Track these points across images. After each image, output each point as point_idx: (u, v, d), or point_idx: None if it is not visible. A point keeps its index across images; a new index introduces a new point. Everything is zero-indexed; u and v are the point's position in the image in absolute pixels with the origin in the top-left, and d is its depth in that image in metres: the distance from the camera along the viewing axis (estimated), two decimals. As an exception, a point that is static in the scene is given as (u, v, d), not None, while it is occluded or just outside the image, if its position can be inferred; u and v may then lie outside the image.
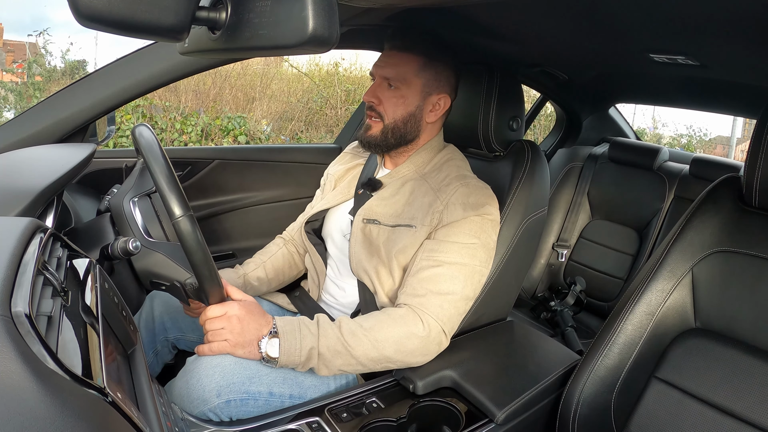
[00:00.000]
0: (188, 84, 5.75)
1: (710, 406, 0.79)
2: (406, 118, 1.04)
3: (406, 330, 0.90)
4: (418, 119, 1.06)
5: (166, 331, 1.10)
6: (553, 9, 0.91)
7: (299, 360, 0.86)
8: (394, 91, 1.03)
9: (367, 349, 0.88)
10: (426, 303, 0.92)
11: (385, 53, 1.06)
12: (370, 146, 1.08)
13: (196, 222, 0.77)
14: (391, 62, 1.03)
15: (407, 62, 1.03)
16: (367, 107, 1.07)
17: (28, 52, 6.96)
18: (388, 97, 1.04)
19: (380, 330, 0.89)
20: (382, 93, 1.04)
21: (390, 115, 1.04)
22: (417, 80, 1.03)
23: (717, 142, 9.29)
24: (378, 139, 1.06)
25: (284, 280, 1.23)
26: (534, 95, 2.34)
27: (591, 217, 2.07)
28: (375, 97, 1.04)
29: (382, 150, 1.08)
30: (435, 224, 0.98)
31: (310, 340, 0.86)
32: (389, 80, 1.03)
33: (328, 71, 6.75)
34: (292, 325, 0.88)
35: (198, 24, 0.48)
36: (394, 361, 0.90)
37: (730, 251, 0.86)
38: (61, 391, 0.34)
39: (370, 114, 1.06)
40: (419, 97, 1.04)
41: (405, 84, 1.03)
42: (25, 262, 0.46)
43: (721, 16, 0.77)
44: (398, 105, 1.03)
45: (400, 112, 1.04)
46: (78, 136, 1.10)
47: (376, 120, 1.05)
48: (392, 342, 0.89)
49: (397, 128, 1.05)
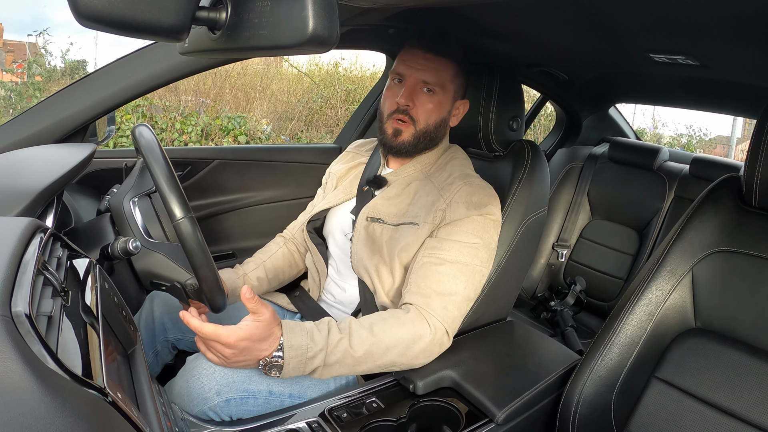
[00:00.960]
0: (188, 84, 5.75)
1: (710, 406, 0.79)
2: (438, 123, 1.03)
3: (414, 334, 0.89)
4: (446, 123, 1.05)
5: (166, 332, 1.10)
6: (553, 9, 0.91)
7: (302, 374, 0.84)
8: (431, 96, 1.01)
9: (375, 359, 0.86)
10: (431, 304, 0.92)
11: (420, 55, 1.01)
12: (399, 152, 1.05)
13: (197, 224, 0.77)
14: (430, 66, 1.00)
15: (446, 68, 1.00)
16: (398, 110, 1.02)
17: (28, 52, 6.96)
18: (424, 102, 1.01)
19: (390, 336, 0.87)
20: (417, 97, 1.01)
21: (423, 120, 1.01)
22: (451, 86, 1.03)
23: (717, 142, 9.29)
24: (410, 145, 1.03)
25: (284, 279, 1.23)
26: (534, 95, 2.34)
27: (591, 217, 2.07)
28: (411, 101, 1.01)
29: (409, 155, 1.06)
30: (437, 222, 0.98)
31: (318, 359, 0.83)
32: (428, 84, 1.00)
33: (328, 71, 6.75)
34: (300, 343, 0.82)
35: (198, 24, 0.48)
36: (399, 364, 0.90)
37: (730, 251, 0.86)
38: (61, 391, 0.34)
39: (400, 117, 1.01)
40: (450, 102, 1.04)
41: (442, 89, 1.01)
42: (25, 262, 0.46)
43: (721, 16, 0.77)
44: (433, 110, 1.01)
45: (434, 118, 1.02)
46: (78, 136, 1.10)
47: (406, 124, 1.02)
48: (401, 348, 0.88)
49: (428, 132, 1.03)
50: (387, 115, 1.04)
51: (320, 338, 0.84)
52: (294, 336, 0.82)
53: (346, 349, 0.84)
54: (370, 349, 0.86)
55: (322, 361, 0.83)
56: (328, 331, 0.86)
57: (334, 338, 0.85)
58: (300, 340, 0.82)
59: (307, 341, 0.83)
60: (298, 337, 0.82)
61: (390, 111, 1.03)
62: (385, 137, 1.05)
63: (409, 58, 1.02)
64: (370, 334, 0.86)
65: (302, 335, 0.83)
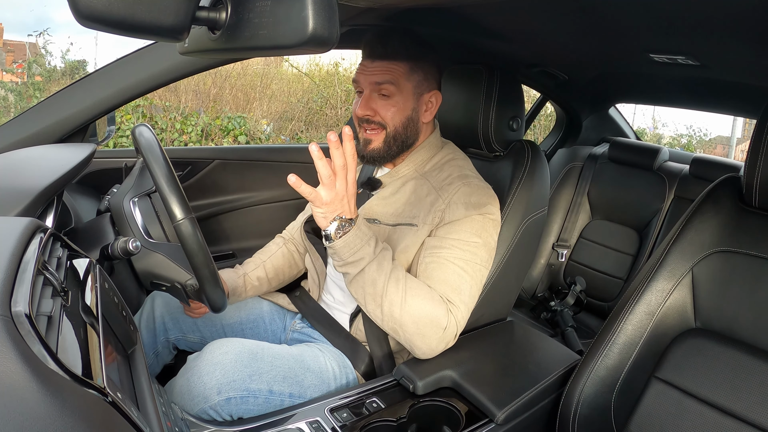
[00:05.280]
0: (188, 84, 5.75)
1: (710, 406, 0.79)
2: (405, 123, 1.03)
3: (435, 313, 0.89)
4: (415, 121, 1.04)
5: (167, 332, 1.10)
6: (553, 9, 0.91)
7: (347, 259, 0.86)
8: (387, 99, 1.01)
9: (395, 304, 0.87)
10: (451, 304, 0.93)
11: (367, 62, 1.01)
12: (374, 160, 1.05)
13: (197, 224, 0.77)
14: (378, 70, 1.00)
15: (394, 69, 1.00)
16: (363, 121, 1.03)
17: (28, 52, 6.96)
18: (383, 106, 1.01)
19: (417, 297, 0.89)
20: (375, 103, 1.01)
21: (390, 123, 1.02)
22: (408, 84, 1.01)
23: (717, 142, 9.29)
24: (382, 151, 1.03)
25: (284, 279, 1.23)
26: (534, 95, 2.34)
27: (591, 217, 2.07)
28: (370, 109, 1.01)
29: (386, 161, 1.06)
30: (437, 223, 0.98)
31: (369, 253, 0.87)
32: (380, 88, 1.00)
33: (328, 71, 6.75)
34: (367, 231, 0.88)
35: (198, 24, 0.48)
36: (406, 332, 0.90)
37: (730, 251, 0.86)
38: (61, 391, 0.34)
39: (367, 127, 1.03)
40: (413, 99, 1.03)
41: (398, 90, 1.00)
42: (25, 262, 0.46)
43: (721, 16, 0.77)
44: (396, 112, 1.01)
45: (399, 118, 1.02)
46: (78, 136, 1.10)
47: (375, 132, 1.02)
48: (418, 316, 0.88)
49: (398, 135, 1.03)
50: (357, 127, 1.06)
51: (380, 243, 0.90)
52: (366, 223, 0.89)
53: (386, 271, 0.88)
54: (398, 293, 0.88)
55: (370, 258, 0.87)
56: (385, 245, 0.91)
57: (386, 254, 0.90)
58: (367, 228, 0.88)
59: (370, 235, 0.88)
60: (366, 227, 0.88)
61: (358, 123, 1.05)
62: (359, 149, 1.05)
63: (361, 66, 1.03)
64: (405, 282, 0.89)
65: (368, 228, 0.89)
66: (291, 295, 1.20)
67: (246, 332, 1.14)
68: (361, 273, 0.87)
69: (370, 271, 0.87)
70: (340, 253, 0.86)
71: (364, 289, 0.88)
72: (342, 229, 0.84)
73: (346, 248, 0.85)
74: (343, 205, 0.83)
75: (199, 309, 1.06)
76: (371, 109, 1.01)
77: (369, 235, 0.87)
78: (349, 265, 0.87)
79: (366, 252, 0.86)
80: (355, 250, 0.85)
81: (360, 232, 0.85)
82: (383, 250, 0.89)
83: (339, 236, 0.84)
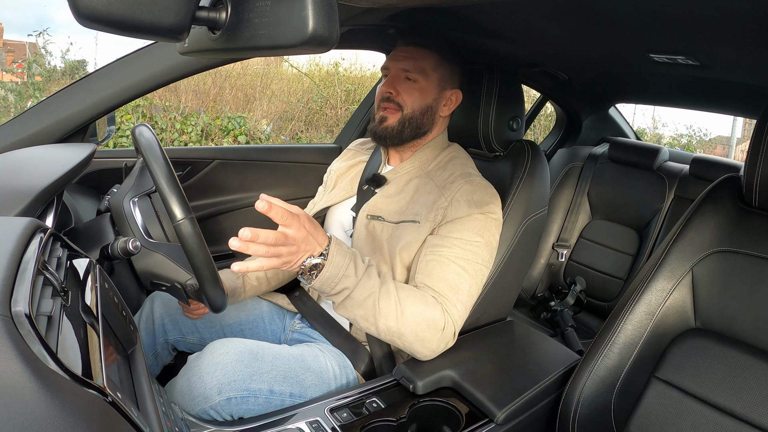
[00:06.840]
0: (188, 84, 5.75)
1: (710, 406, 0.79)
2: (424, 109, 1.06)
3: (431, 316, 0.89)
4: (434, 112, 1.08)
5: (167, 333, 1.10)
6: (553, 9, 0.91)
7: (329, 291, 0.83)
8: (412, 83, 1.05)
9: (390, 318, 0.86)
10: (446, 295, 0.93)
11: (401, 48, 1.07)
12: (385, 138, 1.07)
13: (197, 224, 0.77)
14: (409, 55, 1.05)
15: (425, 57, 1.05)
16: (384, 99, 1.07)
17: (28, 52, 6.96)
18: (407, 89, 1.05)
19: (411, 305, 0.88)
20: (400, 84, 1.06)
21: (409, 105, 1.05)
22: (434, 74, 1.06)
23: (717, 142, 9.29)
24: (395, 130, 1.06)
25: (284, 279, 1.23)
26: (534, 95, 2.34)
27: (591, 217, 2.07)
28: (393, 88, 1.05)
29: (396, 142, 1.08)
30: (439, 220, 0.98)
31: (351, 281, 0.83)
32: (408, 72, 1.05)
33: (328, 71, 6.75)
34: (345, 256, 0.82)
35: (198, 24, 0.48)
36: (405, 341, 0.89)
37: (730, 251, 0.86)
38: (61, 391, 0.34)
39: (387, 106, 1.06)
40: (436, 90, 1.07)
41: (424, 76, 1.05)
42: (25, 262, 0.46)
43: (721, 16, 0.77)
44: (417, 96, 1.05)
45: (419, 103, 1.06)
46: (78, 136, 1.10)
47: (393, 110, 1.06)
48: (415, 323, 0.88)
49: (414, 118, 1.06)
50: (377, 107, 1.09)
51: (360, 265, 0.85)
52: (339, 247, 0.82)
53: (373, 291, 0.85)
54: (391, 307, 0.86)
55: (353, 285, 0.83)
56: (367, 262, 0.87)
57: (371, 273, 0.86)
58: (344, 251, 0.82)
59: (351, 258, 0.83)
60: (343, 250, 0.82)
61: (378, 101, 1.09)
62: (373, 126, 1.09)
63: (393, 53, 1.08)
64: (396, 293, 0.87)
65: (346, 251, 0.83)
66: (290, 296, 1.20)
67: (245, 333, 1.14)
68: (348, 299, 0.85)
69: (357, 295, 0.84)
70: (321, 289, 0.83)
71: (354, 311, 0.86)
72: (316, 268, 0.80)
73: (325, 284, 0.81)
74: (308, 244, 0.77)
75: (198, 310, 1.06)
76: (394, 88, 1.06)
77: (347, 259, 0.82)
78: (333, 296, 0.85)
79: (348, 282, 0.83)
80: (335, 283, 0.82)
81: (334, 263, 0.80)
82: (368, 267, 0.87)
83: (315, 276, 0.80)
